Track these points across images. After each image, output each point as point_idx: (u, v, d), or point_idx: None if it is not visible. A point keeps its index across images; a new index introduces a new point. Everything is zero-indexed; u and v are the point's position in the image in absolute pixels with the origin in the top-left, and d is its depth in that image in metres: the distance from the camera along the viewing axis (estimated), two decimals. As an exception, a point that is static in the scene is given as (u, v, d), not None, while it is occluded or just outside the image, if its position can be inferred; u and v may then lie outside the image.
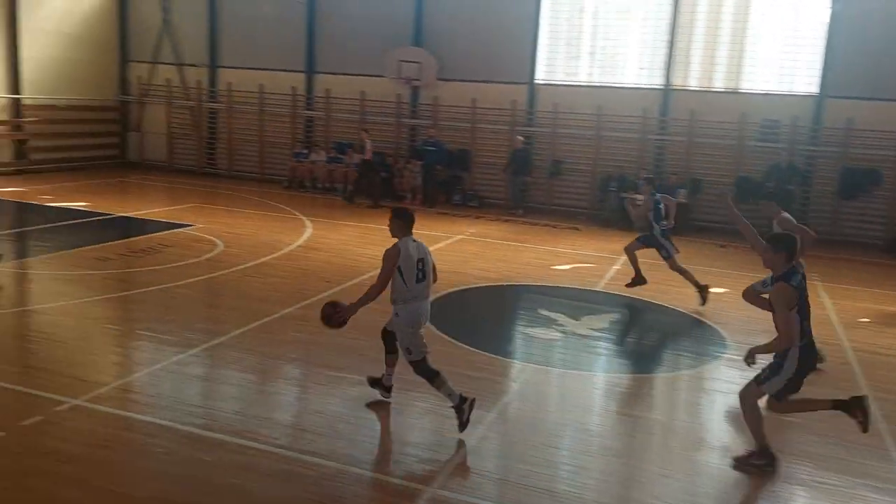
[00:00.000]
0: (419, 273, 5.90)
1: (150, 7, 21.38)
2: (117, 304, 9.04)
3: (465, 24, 18.54)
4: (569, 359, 8.11)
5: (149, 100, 21.88)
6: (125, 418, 5.83)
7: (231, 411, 6.12)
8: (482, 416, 6.20)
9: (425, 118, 19.08)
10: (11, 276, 10.30)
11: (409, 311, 5.91)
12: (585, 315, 9.45)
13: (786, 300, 5.12)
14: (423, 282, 5.95)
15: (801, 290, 5.23)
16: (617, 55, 17.75)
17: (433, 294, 6.29)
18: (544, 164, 18.16)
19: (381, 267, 5.83)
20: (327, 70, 20.04)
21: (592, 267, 12.42)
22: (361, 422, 6.10)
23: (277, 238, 13.04)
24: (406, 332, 5.96)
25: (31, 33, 18.99)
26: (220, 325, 8.20)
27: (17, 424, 5.52)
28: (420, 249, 5.98)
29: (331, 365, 7.23)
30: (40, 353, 7.20)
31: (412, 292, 5.88)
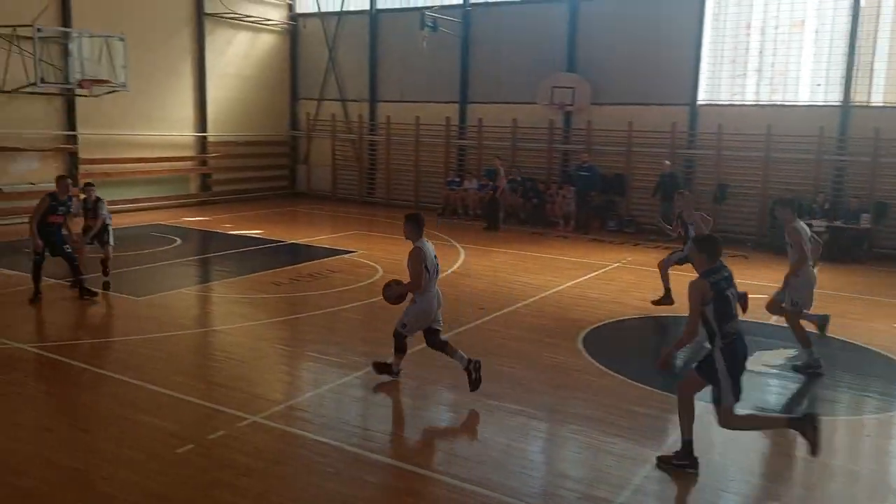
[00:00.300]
0: (436, 269, 7.11)
1: (317, 48, 22.91)
2: (288, 326, 9.62)
3: (619, 47, 18.26)
4: (741, 397, 7.60)
5: (316, 134, 23.35)
6: (297, 436, 6.17)
7: (392, 434, 6.30)
8: (646, 454, 5.96)
9: (578, 143, 18.91)
10: (198, 298, 11.29)
11: (427, 300, 7.02)
12: (758, 350, 8.85)
13: (698, 295, 5.45)
14: (437, 276, 7.16)
15: (721, 291, 5.49)
16: (788, 71, 16.72)
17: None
18: (708, 188, 17.38)
19: (410, 268, 6.92)
20: (479, 100, 20.47)
21: (765, 298, 11.63)
22: (519, 452, 6.06)
23: (434, 265, 13.34)
24: (418, 314, 7.06)
25: (215, 77, 20.94)
26: (380, 349, 8.47)
27: (205, 438, 6.00)
28: (432, 249, 7.16)
29: (486, 393, 7.25)
30: (223, 371, 7.80)
31: (431, 284, 7.01)
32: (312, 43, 23.08)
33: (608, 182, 18.30)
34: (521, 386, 7.45)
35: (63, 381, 7.37)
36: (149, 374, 7.41)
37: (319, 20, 22.70)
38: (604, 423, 6.60)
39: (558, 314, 10.29)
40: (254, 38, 22.26)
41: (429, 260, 6.98)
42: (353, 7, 22.30)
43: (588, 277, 12.66)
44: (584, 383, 7.63)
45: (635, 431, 6.46)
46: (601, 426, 6.53)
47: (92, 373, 7.52)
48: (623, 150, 18.20)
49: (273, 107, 23.08)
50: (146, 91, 18.74)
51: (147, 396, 6.87)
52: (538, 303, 10.84)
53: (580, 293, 11.55)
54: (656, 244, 16.37)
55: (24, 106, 16.52)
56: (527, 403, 7.03)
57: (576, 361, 8.29)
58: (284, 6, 23.04)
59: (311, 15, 22.99)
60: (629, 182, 18.23)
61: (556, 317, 10.15)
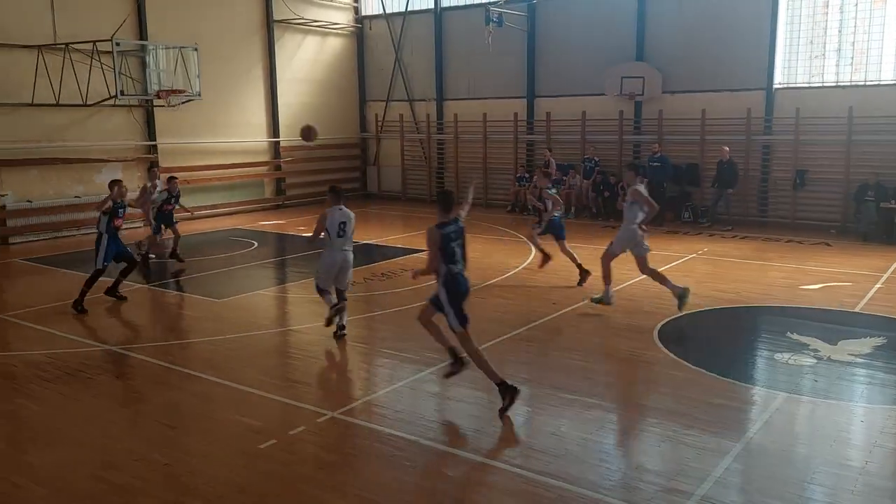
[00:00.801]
0: (340, 231, 8.61)
1: (383, 49, 23.19)
2: (363, 324, 9.78)
3: (689, 33, 17.80)
4: (824, 387, 7.31)
5: (384, 135, 23.64)
6: (375, 431, 6.27)
7: (468, 429, 6.33)
8: (728, 446, 5.81)
9: (650, 133, 18.53)
10: (276, 298, 11.61)
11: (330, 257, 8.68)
12: (843, 339, 8.51)
13: (431, 241, 6.59)
14: (342, 237, 8.66)
15: (448, 238, 6.58)
16: (870, 50, 15.95)
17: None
18: (786, 175, 16.78)
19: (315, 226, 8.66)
20: (547, 93, 20.30)
21: (848, 286, 11.18)
22: (596, 445, 5.99)
23: (503, 261, 13.35)
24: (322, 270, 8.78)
25: (285, 83, 21.45)
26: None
27: (286, 434, 6.16)
28: (343, 214, 8.67)
29: (561, 386, 7.21)
30: (301, 369, 8.00)
31: (333, 245, 8.62)
32: (379, 44, 23.38)
33: (681, 172, 17.87)
34: (596, 379, 7.38)
35: (151, 380, 7.70)
36: (231, 373, 7.67)
37: (385, 21, 22.97)
38: (682, 415, 6.46)
39: (633, 307, 10.11)
40: (321, 43, 22.71)
41: (329, 222, 8.59)
42: (417, 6, 22.47)
43: (663, 269, 12.34)
44: (660, 376, 7.49)
45: (714, 423, 6.30)
46: (679, 418, 6.39)
47: (178, 372, 7.83)
48: (696, 138, 17.73)
49: (342, 110, 23.49)
50: (220, 99, 19.38)
51: (230, 394, 7.12)
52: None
53: (655, 285, 11.26)
54: (733, 234, 15.90)
55: (106, 118, 17.35)
56: (603, 396, 6.95)
57: (652, 354, 8.14)
58: (350, 9, 23.41)
59: (376, 16, 23.29)
60: (703, 171, 17.75)
61: (630, 310, 9.98)
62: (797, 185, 16.52)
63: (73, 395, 7.20)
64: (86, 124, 17.03)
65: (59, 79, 15.55)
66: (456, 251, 6.69)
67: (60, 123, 16.59)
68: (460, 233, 6.78)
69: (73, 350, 8.46)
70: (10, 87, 15.67)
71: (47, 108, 16.00)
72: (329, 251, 8.69)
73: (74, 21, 16.28)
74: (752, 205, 17.43)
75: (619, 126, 18.87)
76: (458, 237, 6.75)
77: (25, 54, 15.72)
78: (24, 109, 15.87)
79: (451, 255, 6.64)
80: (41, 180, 16.45)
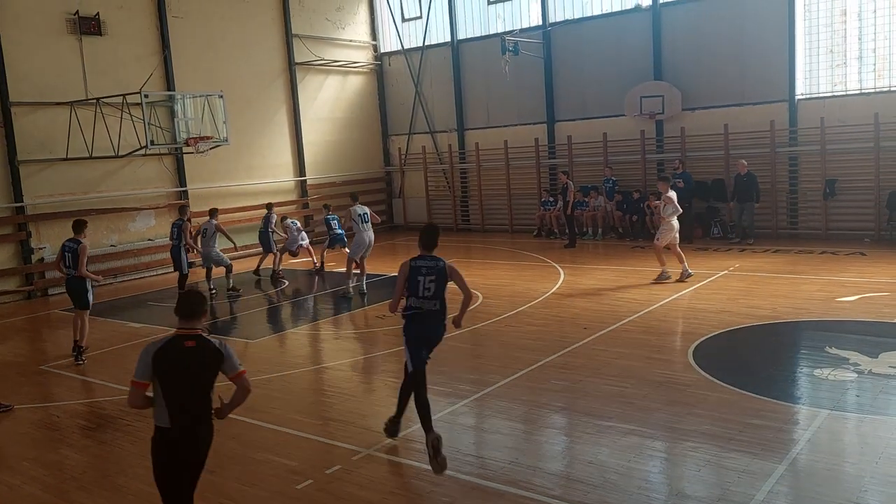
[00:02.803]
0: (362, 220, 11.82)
1: (403, 84, 23.53)
2: (395, 358, 9.79)
3: (706, 49, 17.80)
4: (867, 402, 7.16)
5: (408, 167, 23.88)
6: (411, 467, 6.27)
7: (504, 461, 6.29)
8: (770, 468, 5.70)
9: (672, 151, 18.46)
10: (308, 336, 11.71)
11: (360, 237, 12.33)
12: (883, 351, 8.33)
13: (400, 272, 6.46)
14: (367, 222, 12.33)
15: (417, 271, 6.38)
16: (892, 55, 15.77)
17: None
18: (814, 185, 16.57)
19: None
20: (567, 117, 20.38)
21: (887, 296, 10.95)
22: (636, 473, 5.92)
23: (532, 286, 13.32)
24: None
25: (309, 123, 21.84)
26: (486, 376, 8.53)
27: (323, 473, 6.19)
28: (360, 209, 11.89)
29: (597, 413, 7.15)
30: (336, 406, 8.04)
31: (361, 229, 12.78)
32: (399, 79, 23.72)
33: (708, 188, 17.74)
34: (632, 404, 7.29)
35: (190, 423, 7.79)
36: (267, 414, 7.74)
37: (403, 57, 23.33)
38: (722, 438, 6.36)
39: (666, 328, 10.02)
40: (342, 81, 23.11)
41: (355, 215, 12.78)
42: (434, 40, 22.80)
43: (695, 288, 12.27)
44: (697, 398, 7.38)
45: (755, 444, 6.19)
46: (719, 441, 6.30)
47: (215, 415, 7.91)
48: (720, 153, 17.62)
49: (366, 145, 23.81)
50: (246, 142, 19.78)
51: (266, 435, 7.18)
52: (644, 318, 10.60)
53: (687, 305, 11.21)
54: (765, 248, 15.70)
55: (138, 168, 17.79)
56: (640, 422, 6.87)
57: (688, 376, 8.04)
58: (369, 47, 23.83)
59: (395, 53, 23.67)
60: (729, 187, 17.59)
61: (663, 331, 9.89)
62: (827, 195, 16.29)
63: (114, 442, 7.32)
64: (118, 175, 17.48)
65: (92, 133, 16.02)
66: (421, 286, 6.34)
67: (94, 175, 17.06)
68: (435, 270, 6.37)
69: (111, 398, 8.60)
70: (45, 143, 16.20)
71: (81, 161, 16.48)
72: (358, 234, 12.85)
73: (104, 76, 16.82)
74: (782, 217, 17.23)
75: (641, 146, 18.84)
76: (431, 273, 6.36)
77: (59, 111, 16.25)
78: (59, 164, 16.37)
79: (413, 288, 6.37)
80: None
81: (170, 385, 4.47)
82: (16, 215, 15.97)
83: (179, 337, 4.52)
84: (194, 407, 4.52)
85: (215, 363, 4.58)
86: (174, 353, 4.47)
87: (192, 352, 4.50)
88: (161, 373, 4.45)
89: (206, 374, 4.56)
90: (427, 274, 6.36)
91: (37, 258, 16.20)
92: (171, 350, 4.47)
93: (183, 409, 4.49)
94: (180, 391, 4.48)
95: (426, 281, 6.34)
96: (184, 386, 4.49)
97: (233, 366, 4.65)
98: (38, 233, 16.32)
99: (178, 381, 4.48)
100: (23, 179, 15.93)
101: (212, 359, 4.56)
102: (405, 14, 23.47)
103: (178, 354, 4.47)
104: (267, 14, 20.78)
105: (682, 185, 15.88)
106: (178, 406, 4.48)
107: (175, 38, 18.38)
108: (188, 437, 4.53)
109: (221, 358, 4.60)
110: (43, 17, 16.20)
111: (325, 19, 22.40)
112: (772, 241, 16.55)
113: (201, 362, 4.52)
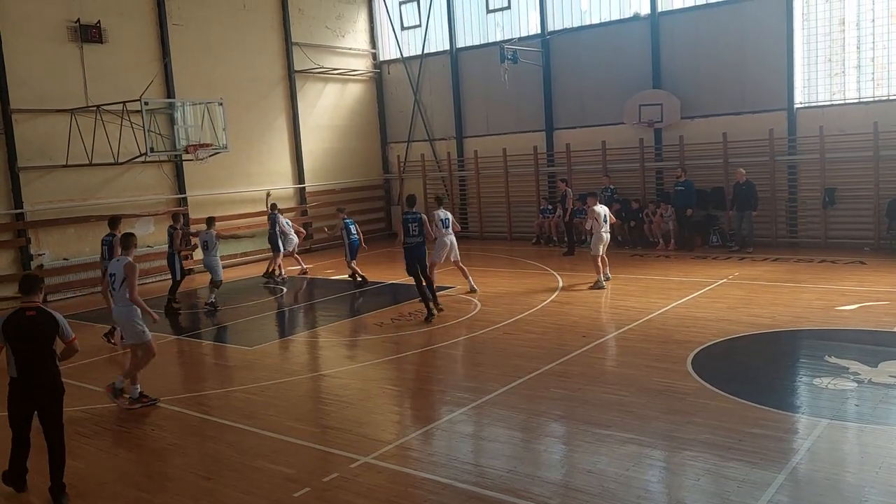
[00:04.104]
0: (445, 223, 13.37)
1: (402, 92, 23.57)
2: (393, 365, 9.79)
3: (705, 57, 17.84)
4: (867, 411, 7.13)
5: (407, 175, 23.89)
6: (409, 475, 6.24)
7: (503, 469, 6.26)
8: (770, 477, 5.68)
9: (671, 160, 18.47)
10: (306, 343, 11.68)
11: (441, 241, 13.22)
12: (883, 360, 8.31)
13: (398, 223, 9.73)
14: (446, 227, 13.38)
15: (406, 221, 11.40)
16: (891, 64, 15.80)
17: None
18: (814, 194, 16.58)
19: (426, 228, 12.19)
20: (566, 125, 20.41)
21: (886, 305, 10.94)
22: (635, 482, 5.88)
23: (531, 294, 13.31)
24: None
25: (308, 130, 21.87)
26: (485, 384, 8.49)
27: (320, 481, 6.16)
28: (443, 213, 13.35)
29: (596, 422, 7.12)
30: (334, 414, 8.01)
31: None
32: (398, 87, 23.77)
33: (707, 196, 17.75)
34: (630, 413, 7.27)
35: (186, 432, 7.76)
36: (264, 421, 7.71)
37: (402, 65, 23.37)
38: (721, 447, 6.33)
39: (665, 336, 9.99)
40: (342, 89, 23.15)
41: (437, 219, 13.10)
42: (433, 49, 22.85)
43: (694, 296, 12.26)
44: (697, 406, 7.35)
45: (755, 454, 6.16)
46: (719, 450, 6.26)
47: (212, 423, 7.89)
48: (719, 162, 17.63)
49: (365, 153, 23.83)
50: (246, 149, 19.78)
51: (264, 443, 7.14)
52: (643, 326, 10.58)
53: (687, 313, 11.19)
54: (764, 257, 15.70)
55: (138, 175, 17.79)
56: (638, 431, 6.84)
57: (687, 384, 8.01)
58: (368, 56, 23.87)
59: (394, 61, 23.72)
60: (728, 195, 17.60)
61: (662, 339, 9.86)
62: (826, 204, 16.30)
63: (111, 449, 7.29)
64: (118, 181, 17.47)
65: (92, 139, 16.02)
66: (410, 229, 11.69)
67: (93, 182, 17.05)
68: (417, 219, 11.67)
69: (109, 405, 8.57)
70: (45, 149, 16.19)
71: (81, 168, 16.47)
72: (439, 238, 12.98)
73: (105, 83, 16.83)
74: (781, 226, 17.23)
75: (640, 154, 18.86)
76: (415, 221, 11.62)
77: (60, 118, 16.26)
78: (58, 171, 16.36)
79: (406, 231, 11.63)
80: (77, 238, 16.85)
81: (17, 346, 5.93)
82: (15, 222, 15.95)
83: (23, 309, 6.00)
84: (37, 362, 5.98)
85: (52, 328, 6.02)
86: (18, 321, 5.93)
87: (33, 320, 5.95)
88: (10, 338, 5.92)
89: (46, 337, 6.00)
90: (412, 221, 11.77)
91: (36, 264, 16.16)
92: (16, 319, 5.94)
93: (27, 364, 5.97)
94: (25, 350, 5.94)
95: (412, 227, 11.71)
96: (27, 346, 5.94)
97: (66, 333, 6.13)
98: (38, 239, 16.30)
99: (24, 343, 5.93)
100: (22, 186, 15.92)
101: (49, 325, 6.00)
102: (404, 22, 23.53)
103: (21, 322, 5.93)
104: (267, 22, 20.83)
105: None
106: (24, 362, 5.96)
107: (175, 46, 18.41)
108: (34, 385, 5.99)
109: (56, 324, 6.04)
110: (44, 25, 16.23)
111: (324, 27, 22.46)
112: (771, 249, 16.54)
113: (41, 327, 5.96)
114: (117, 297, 8.44)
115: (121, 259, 8.53)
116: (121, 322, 8.65)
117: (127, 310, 8.40)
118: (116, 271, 8.40)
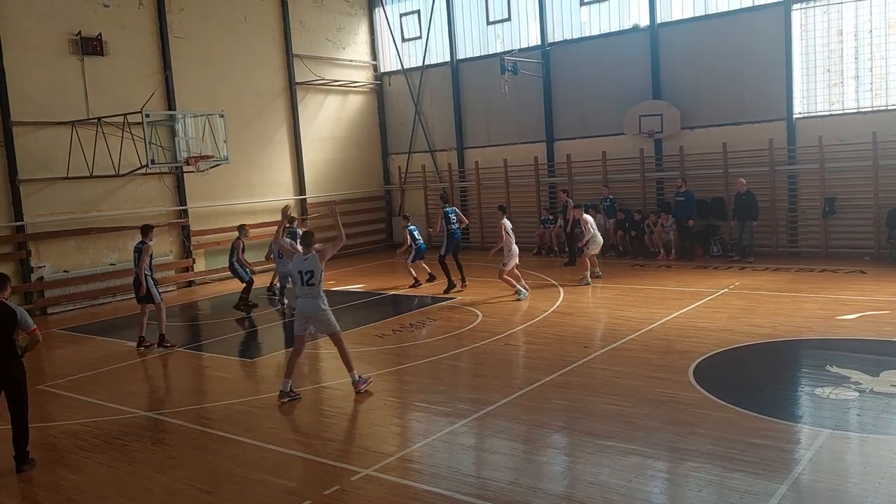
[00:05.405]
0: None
1: (403, 103, 23.66)
2: (394, 377, 9.77)
3: (705, 68, 17.91)
4: (869, 421, 7.12)
5: (408, 186, 23.93)
6: (410, 487, 6.21)
7: (504, 481, 6.24)
8: (773, 488, 5.66)
9: (672, 170, 18.50)
10: (307, 355, 11.62)
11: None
12: (885, 370, 8.29)
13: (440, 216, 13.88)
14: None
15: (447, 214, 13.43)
16: (889, 74, 15.85)
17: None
18: (814, 203, 16.60)
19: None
20: (566, 136, 20.47)
21: (887, 314, 10.93)
22: (638, 493, 5.86)
23: (532, 305, 13.30)
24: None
25: (309, 141, 21.93)
26: (487, 395, 8.48)
27: (321, 494, 6.14)
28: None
29: (597, 433, 7.10)
30: (334, 426, 7.99)
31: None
32: (398, 99, 23.85)
33: (707, 206, 17.76)
34: (632, 424, 7.25)
35: (186, 445, 7.74)
36: (264, 434, 7.69)
37: (403, 76, 23.46)
38: (723, 457, 6.31)
39: (666, 347, 9.98)
40: (343, 101, 23.23)
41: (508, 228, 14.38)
42: (434, 60, 22.94)
43: (695, 306, 12.25)
44: (699, 417, 7.33)
45: (758, 464, 6.14)
46: (721, 461, 6.25)
47: (212, 435, 7.87)
48: (719, 172, 17.66)
49: (366, 164, 23.89)
50: (247, 161, 19.84)
51: (265, 455, 7.12)
52: (644, 336, 10.57)
53: (688, 323, 11.18)
54: (765, 266, 15.69)
55: (139, 187, 17.82)
56: (641, 442, 6.82)
57: (689, 395, 8.00)
58: (369, 67, 23.97)
59: (395, 72, 23.81)
60: (729, 205, 17.62)
61: (664, 350, 9.85)
62: (826, 213, 16.31)
63: (111, 463, 7.26)
64: (119, 194, 17.51)
65: (93, 152, 16.06)
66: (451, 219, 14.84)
67: (94, 194, 17.08)
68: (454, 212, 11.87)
69: (110, 417, 8.55)
70: (46, 162, 16.23)
71: (82, 180, 16.51)
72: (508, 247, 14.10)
73: (106, 96, 16.90)
74: (781, 236, 17.24)
75: (640, 164, 18.89)
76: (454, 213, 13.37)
77: (60, 130, 16.32)
78: (59, 183, 16.40)
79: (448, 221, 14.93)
80: (77, 250, 16.87)
81: None
82: (16, 234, 15.96)
83: None
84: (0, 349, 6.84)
85: (12, 320, 6.86)
86: None
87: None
88: None
89: (7, 328, 6.85)
90: (452, 213, 14.93)
91: (36, 277, 16.18)
92: None
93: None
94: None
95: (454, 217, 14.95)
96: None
97: (27, 324, 6.99)
98: (38, 251, 16.31)
99: None
100: (23, 198, 15.95)
101: (9, 318, 6.85)
102: (405, 34, 23.65)
103: None
104: (268, 34, 20.92)
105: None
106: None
107: (176, 58, 18.49)
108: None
109: (16, 317, 6.88)
110: (45, 38, 16.31)
111: (325, 39, 22.56)
112: (772, 259, 16.54)
113: (2, 320, 6.80)
114: (312, 292, 8.69)
115: (308, 257, 8.77)
116: (310, 315, 8.82)
117: (315, 302, 8.72)
118: (313, 267, 8.67)
